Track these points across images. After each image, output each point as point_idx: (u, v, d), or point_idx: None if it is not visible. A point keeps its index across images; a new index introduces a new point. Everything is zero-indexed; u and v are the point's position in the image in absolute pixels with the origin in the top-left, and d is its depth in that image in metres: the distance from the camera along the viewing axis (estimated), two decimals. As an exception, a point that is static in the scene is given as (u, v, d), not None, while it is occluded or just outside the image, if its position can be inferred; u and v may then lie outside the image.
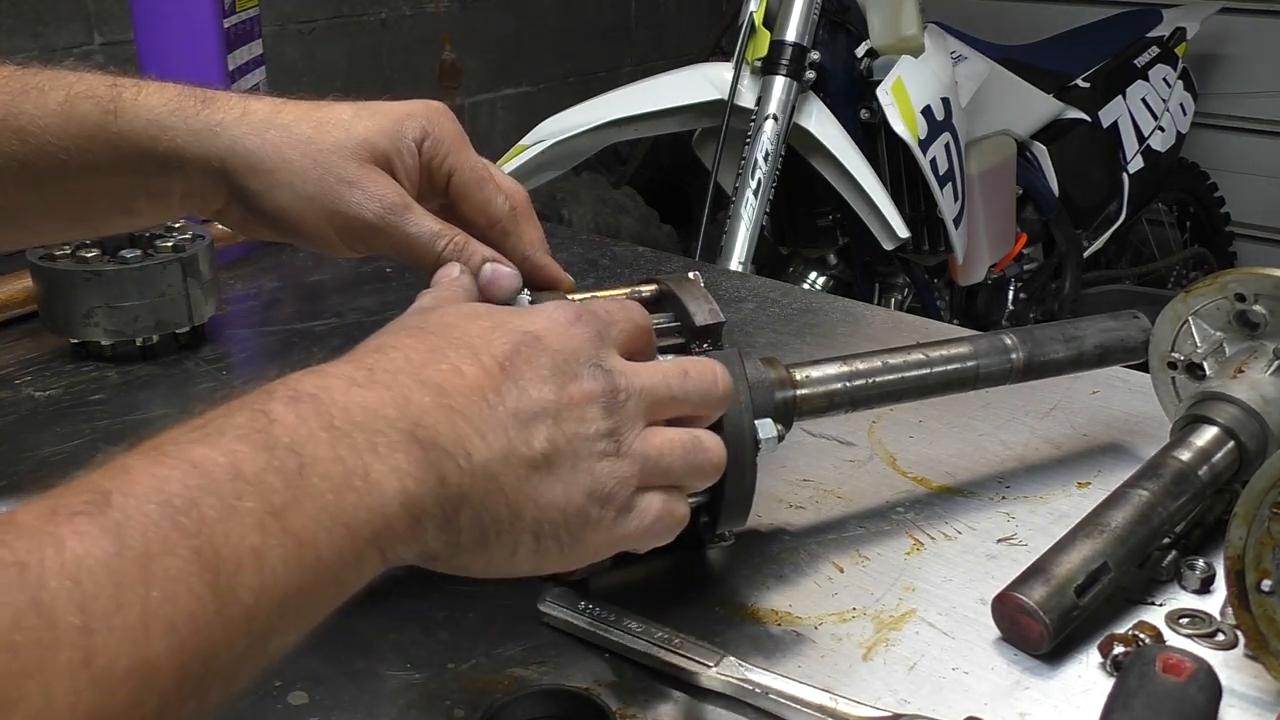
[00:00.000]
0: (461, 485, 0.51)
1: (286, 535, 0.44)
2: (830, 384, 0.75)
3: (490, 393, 0.54)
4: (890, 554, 0.77)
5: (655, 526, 0.58)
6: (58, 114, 0.69)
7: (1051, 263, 2.74)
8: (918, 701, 0.63)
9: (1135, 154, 2.86)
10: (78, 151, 0.70)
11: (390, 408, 0.50)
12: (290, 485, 0.45)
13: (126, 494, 0.41)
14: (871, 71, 2.22)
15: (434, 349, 0.55)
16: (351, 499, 0.47)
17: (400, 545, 0.50)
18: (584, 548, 0.57)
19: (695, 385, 0.61)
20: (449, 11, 3.20)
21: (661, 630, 0.66)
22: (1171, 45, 2.96)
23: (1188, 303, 0.83)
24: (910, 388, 0.78)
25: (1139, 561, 0.72)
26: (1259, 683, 0.64)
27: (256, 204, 0.71)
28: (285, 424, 0.47)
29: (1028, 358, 0.82)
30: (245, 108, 0.71)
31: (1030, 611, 0.66)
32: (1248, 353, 0.80)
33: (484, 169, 0.74)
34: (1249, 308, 0.80)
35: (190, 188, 0.72)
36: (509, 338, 0.56)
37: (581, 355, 0.57)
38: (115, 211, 0.76)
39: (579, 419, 0.55)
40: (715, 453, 0.61)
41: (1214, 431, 0.76)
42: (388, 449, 0.49)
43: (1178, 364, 0.84)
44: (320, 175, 0.70)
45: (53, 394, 1.02)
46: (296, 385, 0.50)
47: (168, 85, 0.72)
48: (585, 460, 0.55)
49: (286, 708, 0.63)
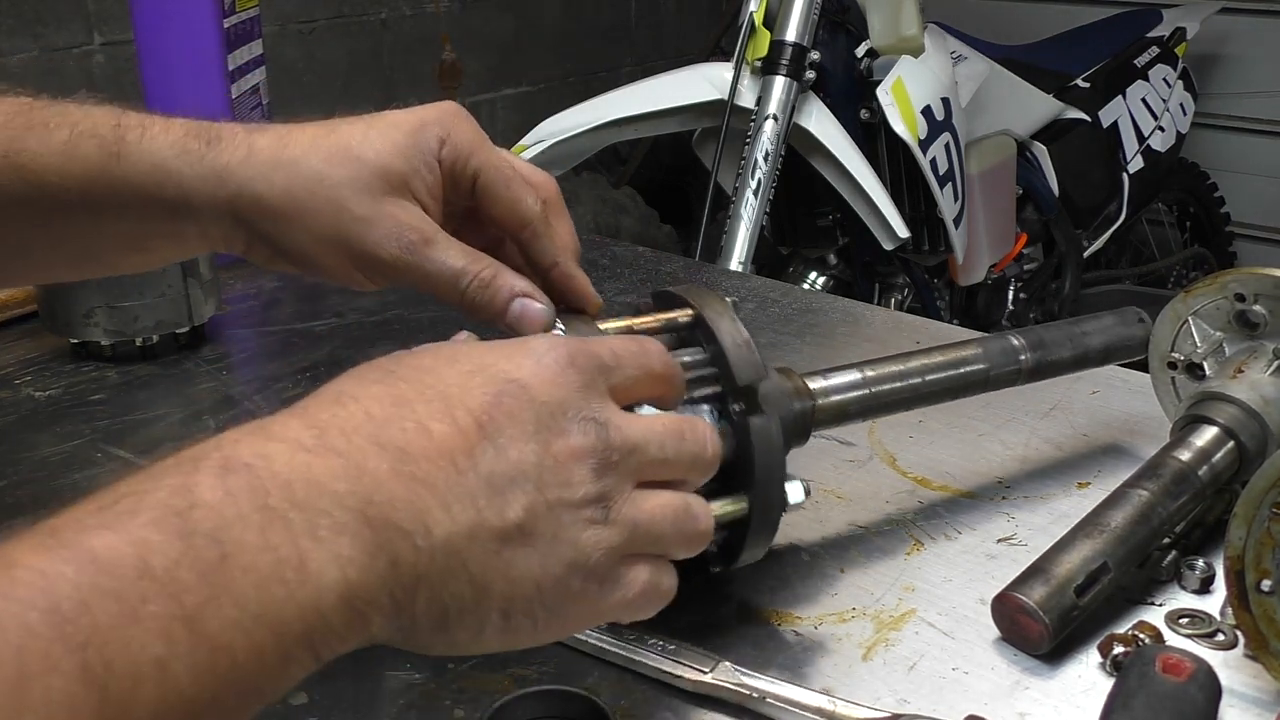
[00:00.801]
0: (418, 566, 0.46)
1: (198, 641, 0.39)
2: (846, 393, 0.74)
3: (461, 456, 0.48)
4: (890, 554, 0.77)
5: (640, 600, 0.53)
6: (60, 153, 0.66)
7: (1051, 263, 2.74)
8: (918, 701, 0.63)
9: (1135, 154, 2.85)
10: (80, 193, 0.67)
11: (340, 480, 0.45)
12: (207, 581, 0.39)
13: (5, 597, 0.36)
14: (871, 71, 2.21)
15: (401, 401, 0.49)
16: (280, 594, 0.41)
17: (337, 641, 0.44)
18: (561, 623, 0.52)
19: (689, 449, 0.56)
20: (449, 11, 3.20)
21: (655, 637, 0.66)
22: (1171, 45, 2.96)
23: (1187, 303, 0.83)
24: (923, 394, 0.78)
25: (1139, 561, 0.72)
26: (1259, 683, 0.64)
27: (275, 245, 0.68)
28: (209, 504, 0.41)
29: (1035, 361, 0.82)
30: (251, 146, 0.67)
31: (1030, 611, 0.66)
32: (1247, 353, 0.80)
33: (509, 167, 0.70)
34: (1249, 308, 0.80)
35: (204, 230, 0.68)
36: (490, 387, 0.50)
37: (571, 406, 0.51)
38: (128, 250, 0.72)
39: (564, 482, 0.50)
40: (705, 522, 0.56)
41: (1214, 431, 0.76)
42: (331, 532, 0.43)
43: (1178, 364, 0.84)
44: (335, 216, 0.66)
45: (53, 394, 1.02)
46: (232, 451, 0.44)
47: (173, 124, 0.68)
48: (568, 529, 0.50)
49: (286, 707, 0.63)
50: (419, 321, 1.16)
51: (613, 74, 3.55)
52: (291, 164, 0.66)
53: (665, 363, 0.57)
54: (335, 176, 0.66)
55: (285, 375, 1.05)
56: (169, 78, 1.21)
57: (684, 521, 0.55)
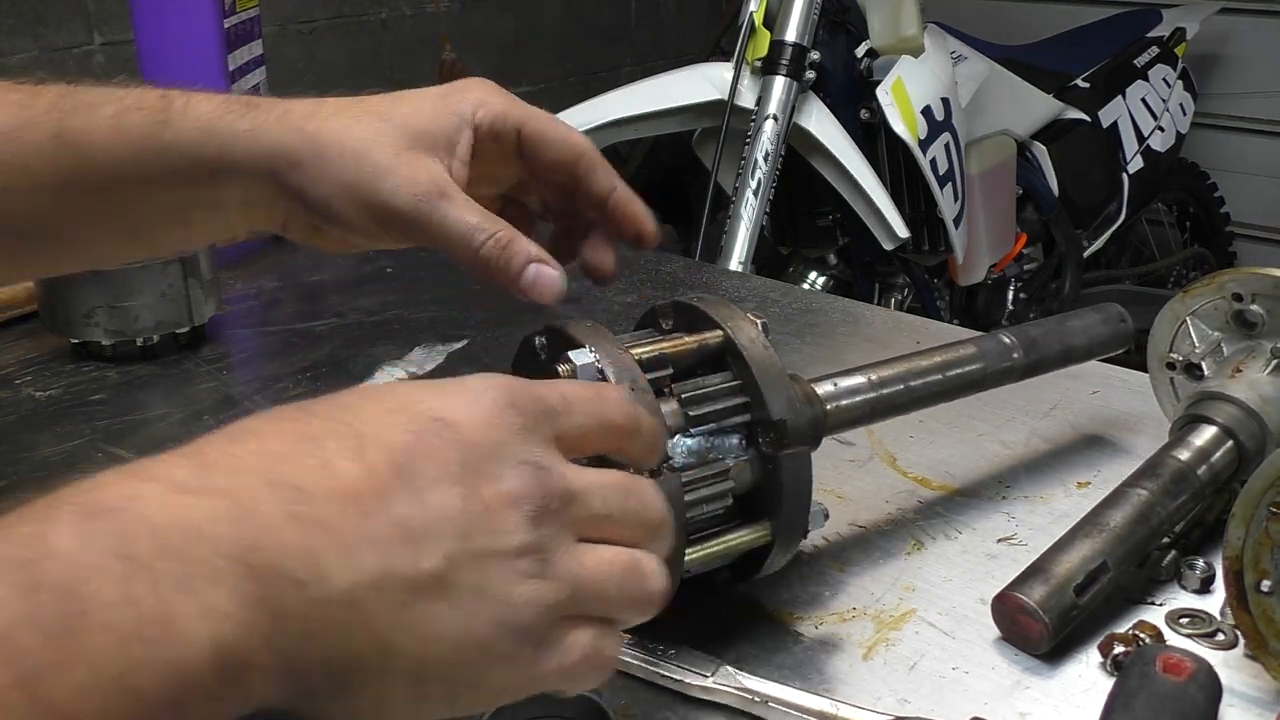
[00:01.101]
0: (309, 620, 0.40)
1: (39, 710, 0.34)
2: (856, 397, 0.74)
3: (370, 497, 0.42)
4: (890, 554, 0.77)
5: (581, 667, 0.46)
6: (108, 128, 0.67)
7: (1051, 263, 2.74)
8: (918, 701, 0.63)
9: (1135, 154, 2.85)
10: (129, 164, 0.68)
11: (221, 523, 0.39)
12: (54, 643, 0.35)
13: None
14: (871, 71, 2.22)
15: (307, 438, 0.44)
16: (140, 654, 0.36)
17: (212, 705, 0.38)
18: (483, 691, 0.46)
19: (636, 511, 0.49)
20: (449, 11, 3.20)
21: (654, 641, 0.65)
22: (1171, 45, 2.96)
23: (1185, 303, 0.83)
24: (925, 396, 0.78)
25: (1139, 561, 0.72)
26: (1259, 683, 0.64)
27: (304, 200, 0.68)
28: (63, 554, 0.36)
29: (1027, 360, 0.83)
30: (286, 108, 0.69)
31: (1030, 611, 0.66)
32: (1245, 352, 0.80)
33: (548, 115, 0.71)
34: (1246, 307, 0.80)
35: (247, 196, 0.69)
36: (412, 425, 0.45)
37: (506, 450, 0.45)
38: (172, 224, 0.73)
39: (491, 530, 0.44)
40: (656, 583, 0.49)
41: (1213, 431, 0.76)
42: (205, 582, 0.38)
43: (1176, 364, 0.84)
44: (356, 164, 0.66)
45: (53, 394, 1.02)
46: (97, 495, 0.39)
47: (214, 94, 0.70)
48: (497, 582, 0.43)
49: (287, 708, 0.63)
50: (419, 321, 1.16)
51: (613, 74, 3.55)
52: (322, 119, 0.68)
53: (627, 414, 0.52)
54: (361, 129, 0.67)
55: (285, 375, 1.05)
56: (169, 78, 1.21)
57: (632, 580, 0.48)
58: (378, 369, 1.03)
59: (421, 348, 1.08)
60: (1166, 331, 0.85)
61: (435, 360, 1.05)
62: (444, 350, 1.06)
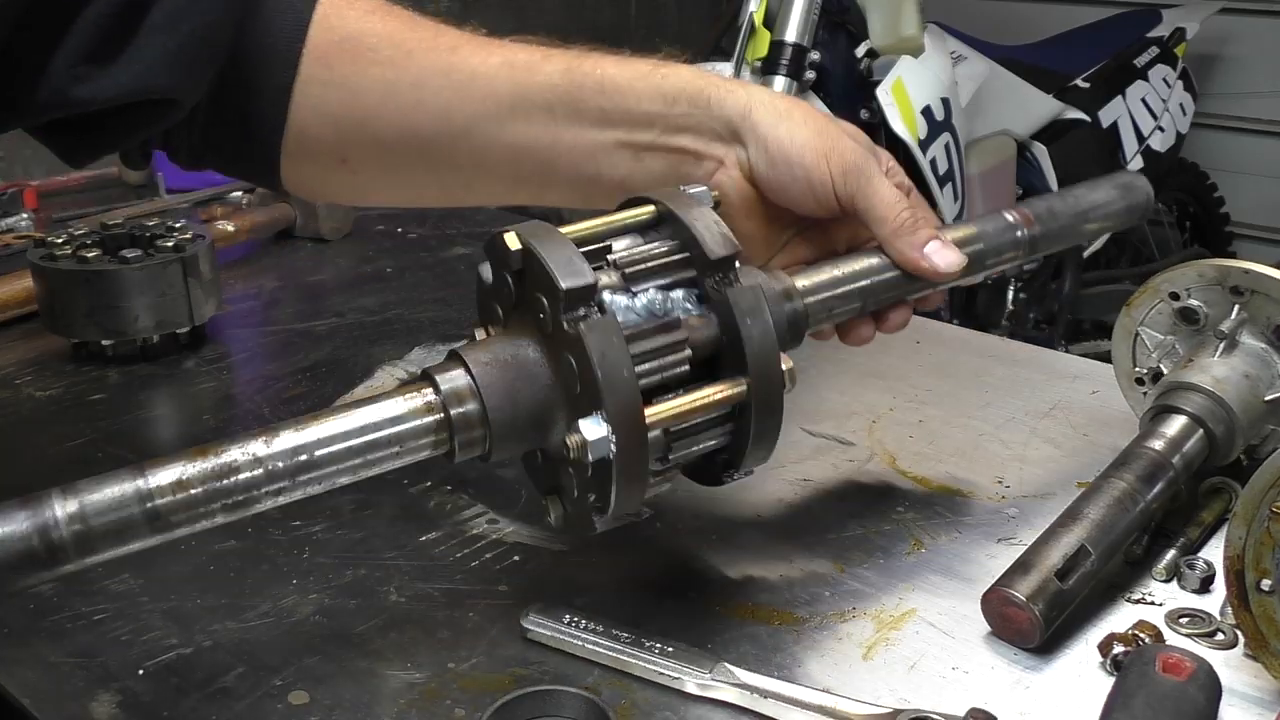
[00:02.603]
0: None
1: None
2: (834, 289, 0.74)
3: None
4: (890, 554, 0.77)
5: None
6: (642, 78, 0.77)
7: (1051, 263, 2.74)
8: (918, 701, 0.63)
9: (1135, 154, 2.85)
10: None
11: None
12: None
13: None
14: (871, 71, 2.21)
15: None
16: None
17: None
18: None
19: None
20: (449, 11, 3.20)
21: (652, 639, 0.66)
22: (1171, 45, 2.96)
23: (1131, 315, 0.85)
24: (916, 286, 0.77)
25: (1122, 544, 0.72)
26: (1259, 682, 0.64)
27: (766, 136, 0.74)
28: None
29: (1031, 237, 0.82)
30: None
31: (1016, 602, 0.66)
32: (1197, 345, 0.82)
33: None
34: (1186, 303, 0.82)
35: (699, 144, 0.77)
36: None
37: None
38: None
39: None
40: None
41: (1176, 417, 0.78)
42: None
43: (1144, 378, 0.86)
44: (822, 121, 0.75)
45: (53, 394, 1.02)
46: None
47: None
48: None
49: (287, 707, 0.63)
50: (419, 322, 1.16)
51: (613, 74, 3.54)
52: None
53: None
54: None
55: (285, 375, 1.05)
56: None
57: None
58: (378, 369, 1.03)
59: (421, 347, 1.08)
60: (1125, 349, 0.87)
61: (435, 360, 1.05)
62: (444, 350, 1.06)
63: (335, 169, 0.82)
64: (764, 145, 0.75)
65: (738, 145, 0.76)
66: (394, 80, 0.78)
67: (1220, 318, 0.81)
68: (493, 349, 0.64)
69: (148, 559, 0.77)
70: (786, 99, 0.78)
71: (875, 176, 0.75)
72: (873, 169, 0.75)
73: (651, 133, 0.76)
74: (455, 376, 0.63)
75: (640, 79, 0.77)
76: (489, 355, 0.64)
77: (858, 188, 0.74)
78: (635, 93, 0.76)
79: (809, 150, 0.74)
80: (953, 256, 0.75)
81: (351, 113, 0.79)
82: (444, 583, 0.74)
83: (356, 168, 0.82)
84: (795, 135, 0.74)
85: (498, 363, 0.64)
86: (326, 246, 1.40)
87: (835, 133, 0.76)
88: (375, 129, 0.79)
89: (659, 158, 0.77)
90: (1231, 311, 0.80)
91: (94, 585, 0.74)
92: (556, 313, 0.61)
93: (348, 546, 0.78)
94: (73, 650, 0.68)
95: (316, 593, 0.73)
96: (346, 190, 0.88)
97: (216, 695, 0.65)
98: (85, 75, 0.70)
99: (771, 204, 0.77)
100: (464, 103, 0.78)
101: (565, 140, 0.78)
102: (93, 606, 0.72)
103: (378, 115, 0.79)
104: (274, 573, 0.75)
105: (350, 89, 0.78)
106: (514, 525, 0.80)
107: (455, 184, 0.84)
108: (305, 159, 0.81)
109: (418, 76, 0.78)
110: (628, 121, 0.77)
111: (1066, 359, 1.08)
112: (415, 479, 0.86)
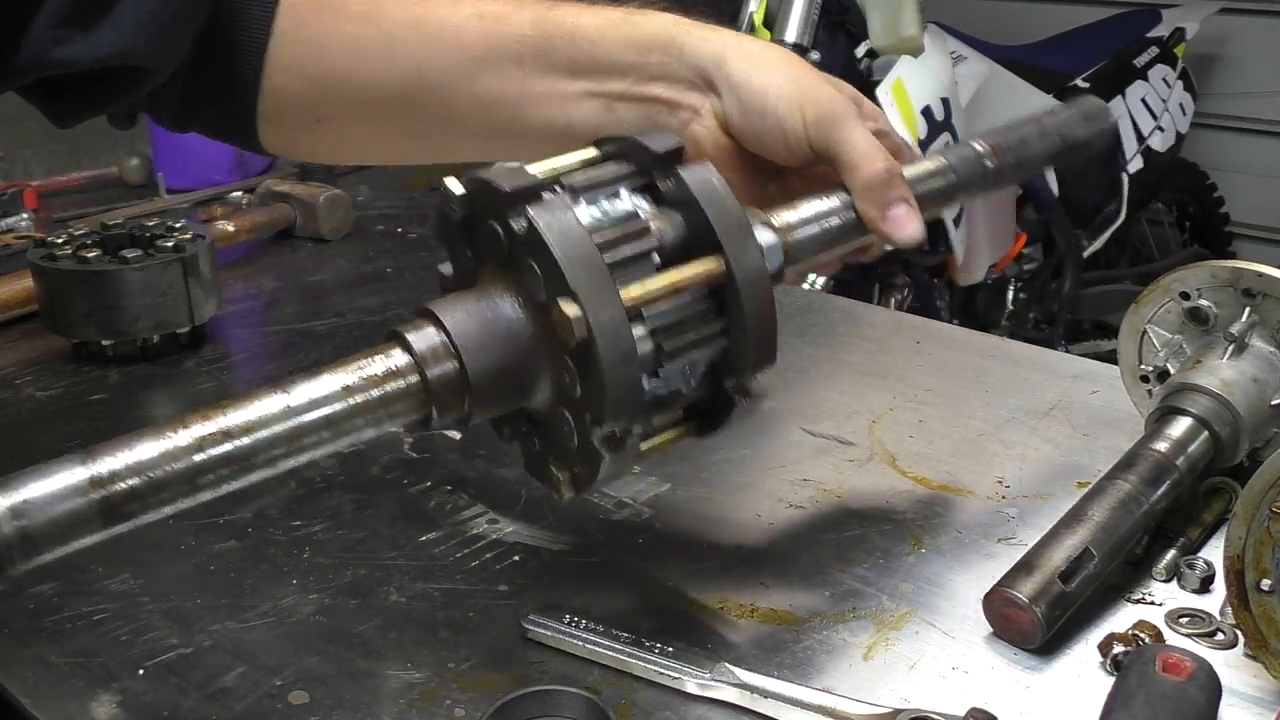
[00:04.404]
0: None
1: None
2: (814, 225, 0.71)
3: None
4: (890, 554, 0.77)
5: None
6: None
7: (1051, 263, 2.74)
8: (918, 701, 0.63)
9: (1135, 154, 2.85)
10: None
11: None
12: None
13: None
14: (871, 71, 2.21)
15: None
16: None
17: None
18: None
19: None
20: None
21: (652, 640, 0.66)
22: (1171, 45, 2.96)
23: (1140, 313, 0.85)
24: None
25: (1124, 547, 0.72)
26: (1259, 682, 0.64)
27: (739, 84, 0.73)
28: None
29: (999, 166, 0.79)
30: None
31: (1019, 603, 0.66)
32: (1205, 346, 0.82)
33: None
34: (1196, 303, 0.82)
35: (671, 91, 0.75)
36: None
37: None
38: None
39: None
40: None
41: (1182, 419, 0.78)
42: None
43: (1149, 376, 0.86)
44: (798, 67, 0.74)
45: (53, 394, 1.02)
46: None
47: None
48: None
49: (287, 707, 0.63)
50: (419, 321, 1.16)
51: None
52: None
53: None
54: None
55: (285, 375, 1.05)
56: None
57: None
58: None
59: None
60: (1131, 346, 0.86)
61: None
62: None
63: (312, 128, 0.83)
64: (737, 93, 0.73)
65: (712, 94, 0.74)
66: (365, 35, 0.79)
67: (1230, 319, 0.81)
68: (463, 302, 0.61)
69: (148, 559, 0.77)
70: (762, 44, 0.76)
71: (850, 124, 0.73)
72: (849, 116, 0.73)
73: (624, 82, 0.75)
74: (428, 335, 0.59)
75: (612, 27, 0.76)
76: (460, 309, 0.60)
77: (832, 135, 0.72)
78: (606, 41, 0.75)
79: (783, 98, 0.72)
80: (912, 229, 0.73)
81: (325, 71, 0.79)
82: (444, 583, 0.74)
83: (332, 126, 0.82)
84: (770, 82, 0.73)
85: (472, 315, 0.60)
86: (326, 246, 1.40)
87: (812, 80, 0.74)
88: (349, 86, 0.80)
89: (632, 107, 0.75)
90: (1242, 314, 0.80)
91: (94, 585, 0.74)
92: (507, 223, 0.59)
93: (348, 546, 0.78)
94: (73, 650, 0.68)
95: (316, 593, 0.73)
96: (325, 149, 0.89)
97: (216, 695, 0.65)
98: (64, 38, 0.71)
99: (751, 155, 0.75)
100: (434, 55, 0.78)
101: (537, 91, 0.77)
102: (93, 606, 0.72)
103: (351, 72, 0.79)
104: (274, 573, 0.75)
105: (323, 46, 0.79)
106: (514, 525, 0.80)
107: (429, 139, 0.84)
108: (282, 119, 0.82)
109: (389, 30, 0.79)
110: (599, 71, 0.76)
111: (1066, 359, 1.08)
112: (415, 479, 0.86)
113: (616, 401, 0.59)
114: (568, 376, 0.60)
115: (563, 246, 0.58)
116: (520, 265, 0.60)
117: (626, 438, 0.60)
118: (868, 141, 0.72)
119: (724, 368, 0.64)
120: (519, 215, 0.58)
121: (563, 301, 0.57)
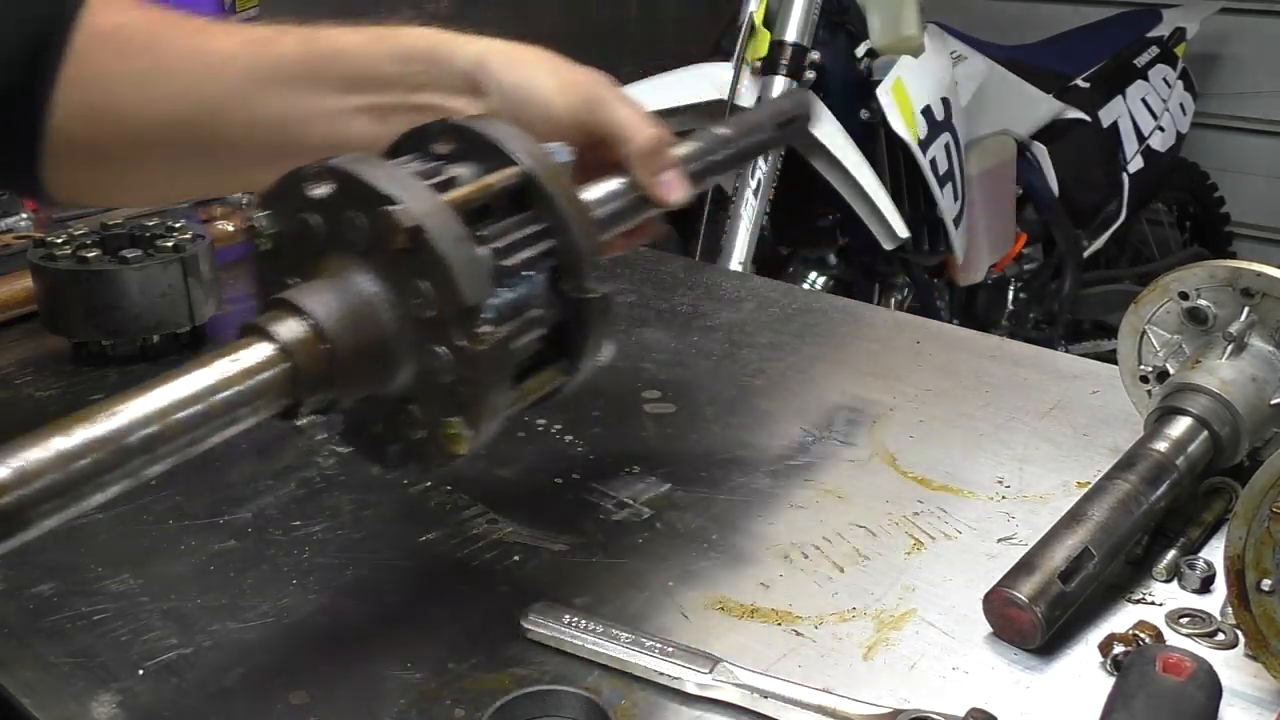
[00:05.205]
0: None
1: None
2: (602, 207, 0.74)
3: None
4: (890, 554, 0.77)
5: None
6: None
7: (1051, 263, 2.74)
8: (918, 701, 0.63)
9: (1135, 154, 2.86)
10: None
11: None
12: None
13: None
14: (871, 71, 2.21)
15: None
16: None
17: None
18: None
19: None
20: (449, 12, 3.20)
21: (652, 639, 0.66)
22: (1171, 45, 2.96)
23: (1139, 313, 0.85)
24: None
25: (1124, 546, 0.72)
26: (1259, 682, 0.64)
27: (502, 83, 0.76)
28: None
29: (739, 150, 0.86)
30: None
31: (1018, 603, 0.66)
32: (1204, 346, 0.82)
33: None
34: (1195, 303, 0.82)
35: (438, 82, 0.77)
36: None
37: None
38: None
39: None
40: None
41: (1182, 419, 0.78)
42: None
43: (1149, 376, 0.86)
44: (556, 60, 0.78)
45: (53, 394, 1.02)
46: None
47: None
48: None
49: (286, 707, 0.63)
50: (419, 321, 1.15)
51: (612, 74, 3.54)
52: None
53: None
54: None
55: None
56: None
57: None
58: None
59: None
60: (1130, 346, 0.87)
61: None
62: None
63: (99, 168, 0.83)
64: (502, 91, 0.76)
65: (479, 95, 0.76)
66: (147, 70, 0.79)
67: (1229, 319, 0.81)
68: (317, 286, 0.60)
69: (148, 559, 0.77)
70: (517, 44, 0.80)
71: (615, 101, 0.77)
72: (613, 95, 0.77)
73: (393, 94, 0.77)
74: (291, 326, 0.58)
75: (374, 43, 0.78)
76: (317, 293, 0.59)
77: (600, 114, 0.76)
78: (371, 56, 0.77)
79: (546, 88, 0.76)
80: (681, 192, 0.77)
81: (110, 109, 0.80)
82: (444, 583, 0.74)
83: (118, 165, 0.83)
84: (531, 76, 0.76)
85: (328, 295, 0.59)
86: (326, 246, 1.39)
87: (569, 69, 0.78)
88: (133, 123, 0.80)
89: (404, 118, 0.76)
90: (1241, 313, 0.80)
91: (94, 585, 0.74)
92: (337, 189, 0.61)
93: (348, 546, 0.78)
94: (73, 650, 0.68)
95: (316, 593, 0.73)
96: (115, 190, 0.90)
97: (216, 695, 0.65)
98: None
99: None
100: (209, 84, 0.79)
101: (310, 110, 0.78)
102: (93, 606, 0.72)
103: (135, 108, 0.80)
104: (274, 573, 0.75)
105: (106, 85, 0.79)
106: (514, 525, 0.80)
107: (214, 170, 0.85)
108: (69, 162, 0.82)
109: (168, 64, 0.80)
110: (367, 86, 0.77)
111: (1066, 359, 1.08)
112: (415, 479, 0.86)
113: (466, 277, 0.59)
114: (421, 299, 0.59)
115: (378, 174, 0.61)
116: (359, 226, 0.60)
117: (497, 331, 0.60)
118: (634, 113, 0.77)
119: (563, 274, 0.67)
120: (334, 172, 0.60)
121: (385, 210, 0.59)
